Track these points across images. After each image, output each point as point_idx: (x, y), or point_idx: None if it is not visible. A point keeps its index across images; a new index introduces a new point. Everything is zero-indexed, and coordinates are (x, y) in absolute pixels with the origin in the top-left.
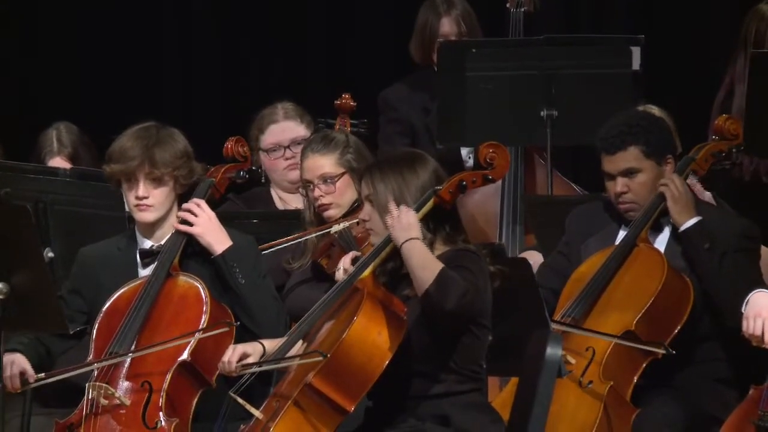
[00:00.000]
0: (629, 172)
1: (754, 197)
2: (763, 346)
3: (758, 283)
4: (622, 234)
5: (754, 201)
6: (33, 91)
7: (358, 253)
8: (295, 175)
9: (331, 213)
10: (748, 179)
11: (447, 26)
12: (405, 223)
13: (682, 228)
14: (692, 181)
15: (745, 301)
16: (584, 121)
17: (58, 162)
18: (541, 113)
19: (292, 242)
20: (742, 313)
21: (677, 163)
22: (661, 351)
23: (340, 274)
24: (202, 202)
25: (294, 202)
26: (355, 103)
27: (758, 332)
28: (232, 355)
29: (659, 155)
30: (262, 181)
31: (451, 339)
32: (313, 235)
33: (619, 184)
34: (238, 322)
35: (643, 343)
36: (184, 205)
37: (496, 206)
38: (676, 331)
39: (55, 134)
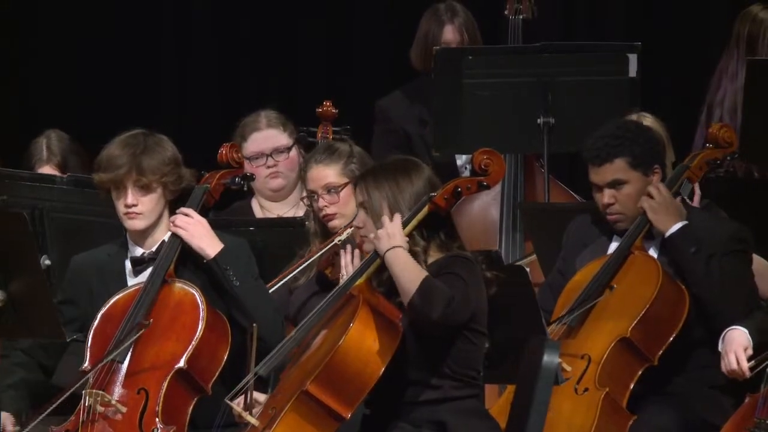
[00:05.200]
0: (616, 184)
1: (747, 194)
2: (745, 377)
3: (747, 285)
4: (613, 246)
5: (748, 197)
6: (31, 99)
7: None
8: (276, 183)
9: (336, 223)
10: (740, 175)
11: (450, 34)
12: (389, 232)
13: (667, 234)
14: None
15: (721, 337)
16: (581, 128)
17: (48, 170)
18: (538, 120)
19: (302, 266)
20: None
21: (664, 172)
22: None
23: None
24: (191, 211)
25: (276, 210)
26: (337, 110)
27: (734, 366)
28: None
29: (646, 166)
30: (245, 189)
31: (445, 345)
32: (321, 252)
33: (606, 196)
34: (150, 321)
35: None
36: (173, 217)
37: (496, 214)
38: (672, 337)
39: (45, 142)
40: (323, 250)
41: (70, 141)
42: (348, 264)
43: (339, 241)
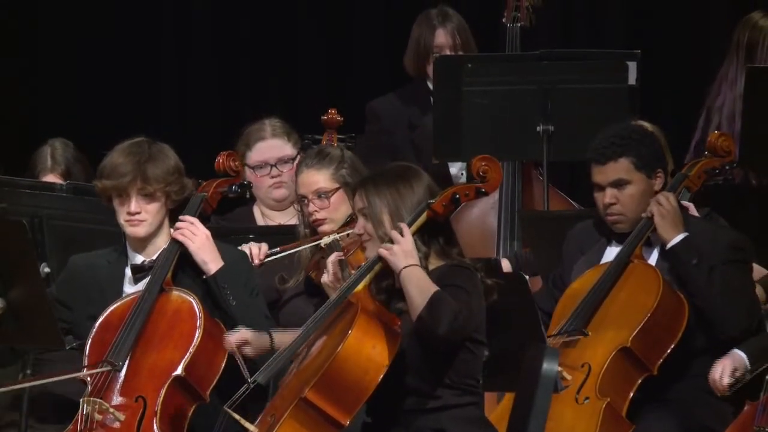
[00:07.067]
0: (619, 184)
1: (746, 201)
2: (724, 393)
3: (748, 294)
4: (608, 250)
5: (746, 205)
6: (31, 107)
7: (341, 254)
8: (280, 193)
9: (326, 228)
10: (738, 182)
11: (441, 37)
12: (406, 250)
13: (670, 245)
14: (685, 203)
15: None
16: (581, 135)
17: (51, 179)
18: (538, 128)
19: (286, 253)
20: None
21: (667, 177)
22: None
23: (325, 277)
24: (195, 220)
25: (278, 218)
26: (342, 118)
27: (716, 375)
28: (235, 336)
29: (650, 168)
30: (247, 196)
31: (446, 355)
32: (305, 246)
33: (608, 195)
34: (120, 363)
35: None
36: (178, 224)
37: (495, 222)
38: (672, 346)
39: (49, 151)
40: (309, 245)
41: (75, 150)
42: (334, 269)
43: (324, 244)
